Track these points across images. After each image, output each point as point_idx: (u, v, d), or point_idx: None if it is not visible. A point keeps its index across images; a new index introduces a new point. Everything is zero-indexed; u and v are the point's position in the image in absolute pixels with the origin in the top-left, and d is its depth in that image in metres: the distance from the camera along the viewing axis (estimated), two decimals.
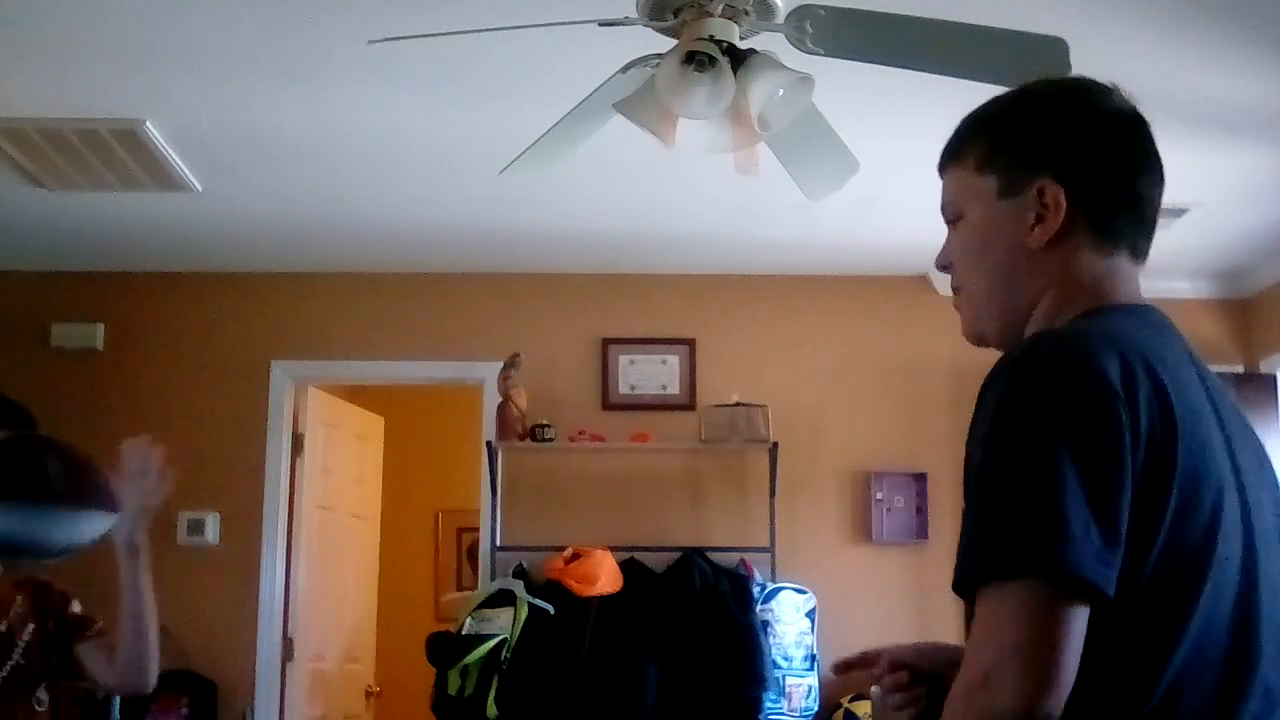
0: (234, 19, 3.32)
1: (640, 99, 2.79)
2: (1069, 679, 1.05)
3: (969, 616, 1.14)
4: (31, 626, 2.02)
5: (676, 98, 2.70)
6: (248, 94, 3.81)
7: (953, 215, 1.40)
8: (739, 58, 2.73)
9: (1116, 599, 1.09)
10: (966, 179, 1.38)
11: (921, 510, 5.49)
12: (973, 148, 1.38)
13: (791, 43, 2.79)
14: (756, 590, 5.17)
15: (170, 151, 4.22)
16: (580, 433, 5.44)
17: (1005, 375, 1.18)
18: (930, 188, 1.29)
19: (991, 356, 1.28)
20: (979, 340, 1.39)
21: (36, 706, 1.94)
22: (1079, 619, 1.06)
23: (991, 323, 1.36)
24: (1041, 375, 1.15)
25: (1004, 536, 1.09)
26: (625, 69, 2.91)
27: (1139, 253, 1.35)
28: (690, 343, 5.67)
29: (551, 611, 4.96)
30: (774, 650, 5.08)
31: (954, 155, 1.41)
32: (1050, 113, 1.35)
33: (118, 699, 4.89)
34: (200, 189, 4.59)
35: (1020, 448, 1.12)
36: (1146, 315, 1.30)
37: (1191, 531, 1.14)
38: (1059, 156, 1.32)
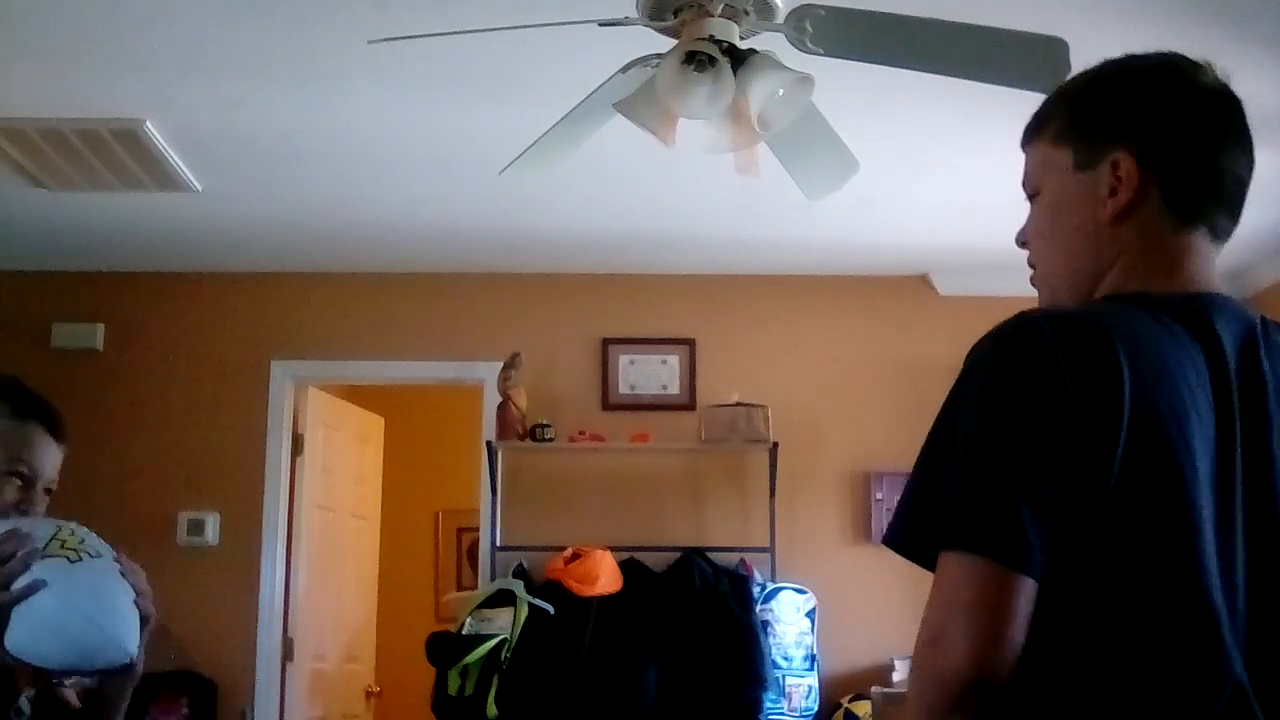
0: (234, 19, 3.32)
1: (640, 99, 2.79)
2: (1014, 643, 1.09)
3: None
4: None
5: (676, 98, 2.70)
6: (248, 94, 3.81)
7: (1031, 189, 1.40)
8: (739, 58, 2.73)
9: (1071, 568, 1.13)
10: (1045, 151, 1.37)
11: None
12: (1053, 121, 1.37)
13: (791, 43, 2.79)
14: (756, 590, 5.17)
15: (170, 151, 4.22)
16: (580, 433, 5.44)
17: (974, 351, 1.22)
18: (931, 188, 1.30)
19: None
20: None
21: (15, 717, 1.87)
22: (1024, 587, 1.10)
23: (1065, 294, 1.35)
24: (996, 355, 1.19)
25: (954, 509, 1.14)
26: (625, 69, 2.91)
27: (1219, 231, 1.32)
28: (690, 343, 5.67)
29: (551, 611, 4.96)
30: (774, 650, 5.08)
31: (1035, 129, 1.40)
32: (1131, 86, 1.33)
33: None
34: (200, 189, 4.59)
35: (981, 425, 1.16)
36: (1170, 309, 1.25)
37: (1141, 514, 1.15)
38: (1135, 129, 1.30)
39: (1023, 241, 1.41)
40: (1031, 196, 1.40)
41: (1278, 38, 3.35)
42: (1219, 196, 1.32)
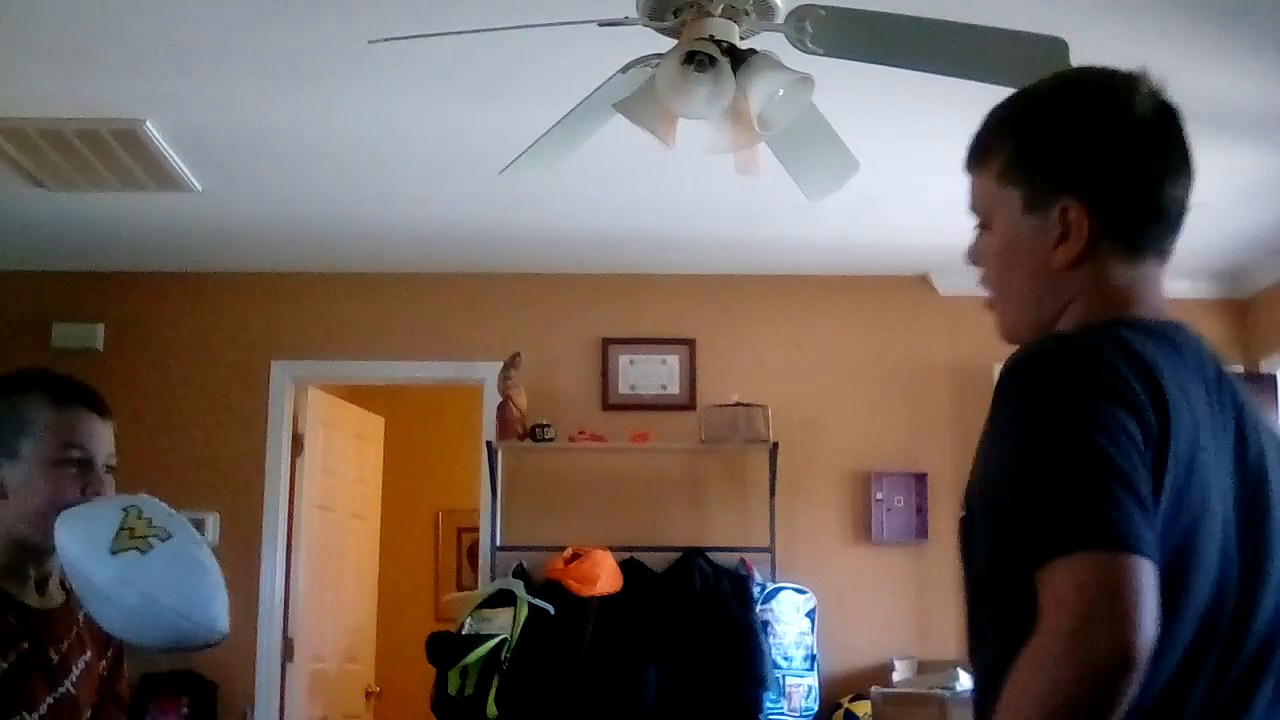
0: (234, 19, 3.32)
1: (640, 99, 2.79)
2: (1155, 627, 1.10)
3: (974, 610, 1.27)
4: (87, 656, 1.92)
5: (676, 98, 2.70)
6: (248, 94, 3.81)
7: (982, 220, 1.41)
8: (739, 58, 2.73)
9: None
10: (992, 188, 1.38)
11: (921, 510, 5.49)
12: (997, 154, 1.37)
13: (791, 43, 2.79)
14: (756, 590, 5.17)
15: (170, 151, 4.22)
16: (580, 433, 5.44)
17: (1025, 371, 1.23)
18: (931, 188, 1.31)
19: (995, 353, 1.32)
20: (1015, 342, 1.40)
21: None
22: (1151, 575, 1.11)
23: (1027, 331, 1.38)
24: (1064, 367, 1.20)
25: (1073, 514, 1.14)
26: (625, 69, 2.91)
27: (1165, 254, 1.36)
28: (690, 343, 5.66)
29: (551, 611, 4.96)
30: (774, 650, 5.08)
31: (979, 158, 1.40)
32: (1073, 124, 1.34)
33: None
34: (200, 189, 4.59)
35: (1062, 433, 1.17)
36: (1157, 330, 1.30)
37: (1178, 528, 1.19)
38: (1082, 175, 1.32)
39: (975, 262, 1.43)
40: (981, 226, 1.41)
41: (1278, 37, 3.35)
42: (1165, 225, 1.35)
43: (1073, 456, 1.15)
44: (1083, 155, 1.32)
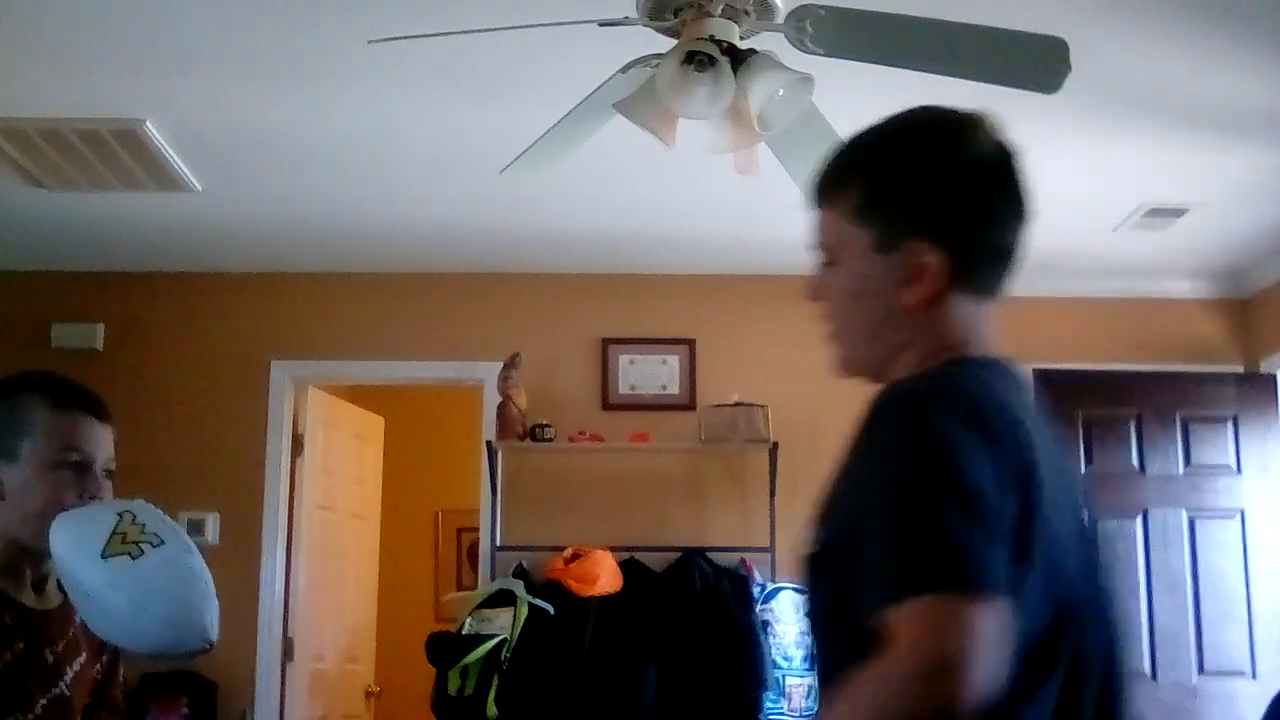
0: (234, 19, 3.32)
1: (640, 99, 2.79)
2: (998, 674, 1.10)
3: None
4: (81, 658, 1.93)
5: (676, 98, 2.70)
6: (248, 94, 3.81)
7: (827, 256, 1.43)
8: (739, 58, 2.73)
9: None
10: (842, 226, 1.39)
11: None
12: (849, 193, 1.39)
13: (791, 43, 2.79)
14: (757, 590, 5.17)
15: (170, 151, 4.22)
16: (580, 433, 5.43)
17: (894, 411, 1.26)
18: None
19: None
20: (852, 375, 1.46)
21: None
22: (1002, 621, 1.12)
23: (866, 365, 1.42)
24: (934, 407, 1.22)
25: (934, 554, 1.14)
26: (625, 69, 2.91)
27: (1001, 293, 1.40)
28: (690, 343, 5.66)
29: (551, 611, 4.96)
30: (774, 650, 5.08)
31: (829, 196, 1.42)
32: (926, 167, 1.36)
33: None
34: (200, 189, 4.59)
35: (930, 470, 1.17)
36: (1001, 367, 1.35)
37: (1051, 559, 1.22)
38: (936, 220, 1.34)
39: (817, 298, 1.46)
40: (825, 263, 1.43)
41: (1278, 37, 3.35)
42: (1007, 266, 1.38)
43: (939, 494, 1.15)
44: (934, 199, 1.34)
